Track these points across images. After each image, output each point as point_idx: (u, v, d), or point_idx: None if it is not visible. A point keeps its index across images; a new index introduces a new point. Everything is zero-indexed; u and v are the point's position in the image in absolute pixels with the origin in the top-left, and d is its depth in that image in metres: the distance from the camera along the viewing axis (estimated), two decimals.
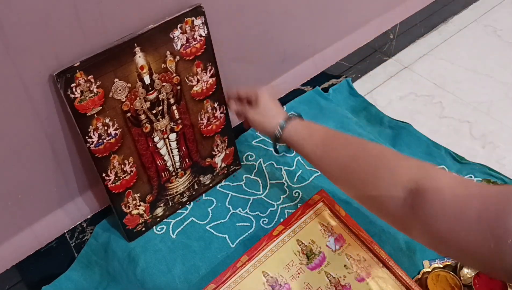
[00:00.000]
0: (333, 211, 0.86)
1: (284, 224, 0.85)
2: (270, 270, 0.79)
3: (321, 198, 0.88)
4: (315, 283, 0.79)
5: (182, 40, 0.77)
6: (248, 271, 0.79)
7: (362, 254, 0.82)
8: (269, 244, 0.82)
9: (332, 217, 0.86)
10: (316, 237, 0.84)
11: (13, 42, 0.61)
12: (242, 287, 0.77)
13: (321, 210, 0.87)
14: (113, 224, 0.88)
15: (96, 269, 0.85)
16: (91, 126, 0.73)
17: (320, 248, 0.83)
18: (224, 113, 0.91)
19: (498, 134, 1.12)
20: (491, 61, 1.33)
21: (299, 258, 0.81)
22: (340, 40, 1.17)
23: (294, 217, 0.85)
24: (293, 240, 0.83)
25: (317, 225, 0.85)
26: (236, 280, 0.78)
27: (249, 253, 0.80)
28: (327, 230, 0.85)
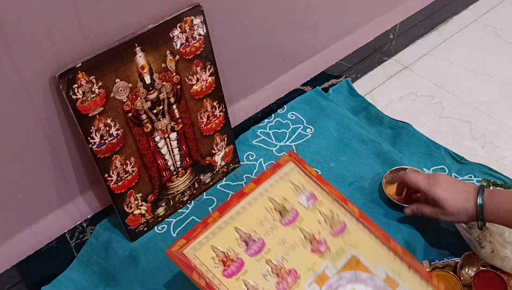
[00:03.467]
0: (304, 171, 0.84)
1: (255, 182, 0.81)
2: (242, 226, 0.76)
3: (291, 159, 0.85)
4: (289, 239, 0.76)
5: (181, 39, 0.77)
6: (220, 227, 0.75)
7: (335, 210, 0.81)
8: (240, 200, 0.78)
9: (303, 176, 0.83)
10: (287, 195, 0.81)
11: (13, 42, 0.61)
12: (214, 242, 0.73)
13: (292, 170, 0.84)
14: (114, 223, 0.88)
15: (96, 269, 0.85)
16: (93, 127, 0.73)
17: (293, 205, 0.80)
18: (223, 112, 0.91)
19: (498, 134, 1.13)
20: (491, 61, 1.33)
21: (272, 215, 0.78)
22: (340, 40, 1.17)
23: (264, 176, 0.82)
24: (264, 198, 0.80)
25: (288, 183, 0.82)
26: (207, 236, 0.74)
27: (220, 209, 0.77)
28: (298, 188, 0.82)
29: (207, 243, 0.73)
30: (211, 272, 0.70)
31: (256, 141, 1.04)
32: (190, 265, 0.70)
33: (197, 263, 0.70)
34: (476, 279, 0.80)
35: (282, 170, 0.83)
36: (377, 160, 1.02)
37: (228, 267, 0.71)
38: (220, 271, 0.71)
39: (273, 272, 0.72)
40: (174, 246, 0.71)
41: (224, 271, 0.71)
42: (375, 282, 0.74)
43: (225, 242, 0.74)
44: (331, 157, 1.03)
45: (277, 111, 1.11)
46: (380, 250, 0.78)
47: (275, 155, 1.02)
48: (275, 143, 1.05)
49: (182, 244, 0.72)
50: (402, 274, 0.76)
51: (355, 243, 0.77)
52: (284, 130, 1.07)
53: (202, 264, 0.71)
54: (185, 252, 0.71)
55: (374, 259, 0.76)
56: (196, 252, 0.72)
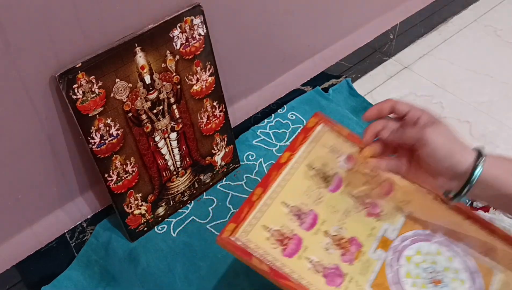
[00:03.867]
0: (335, 131, 0.78)
1: (290, 150, 0.75)
2: (289, 199, 0.70)
3: (319, 120, 0.78)
4: (341, 205, 0.71)
5: (181, 39, 0.78)
6: (266, 204, 0.69)
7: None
8: (280, 172, 0.72)
9: (336, 137, 0.77)
10: (325, 159, 0.75)
11: (13, 42, 0.61)
12: (265, 221, 0.67)
13: (323, 132, 0.78)
14: (114, 223, 0.88)
15: (96, 269, 0.85)
16: (93, 127, 0.73)
17: (334, 169, 0.74)
18: (223, 112, 0.91)
19: (498, 134, 1.13)
20: (491, 61, 1.33)
21: (316, 183, 0.72)
22: (340, 40, 1.17)
23: (297, 142, 0.75)
24: (303, 167, 0.74)
25: (323, 147, 0.76)
26: (256, 216, 0.67)
27: (261, 184, 0.70)
28: (334, 151, 0.76)
29: (257, 224, 0.67)
30: (270, 255, 0.64)
31: (256, 141, 1.05)
32: (246, 251, 0.63)
33: (253, 246, 0.64)
34: None
35: (313, 133, 0.77)
36: None
37: (286, 246, 0.65)
38: (279, 251, 0.64)
39: (334, 244, 0.67)
40: (224, 232, 0.64)
41: (284, 250, 0.65)
42: (438, 238, 0.70)
43: (276, 219, 0.68)
44: None
45: (277, 111, 1.11)
46: (434, 204, 0.73)
47: (275, 155, 1.02)
48: (275, 143, 1.05)
49: (232, 229, 0.65)
50: (461, 226, 0.71)
51: (407, 199, 0.72)
52: (284, 130, 1.07)
53: (258, 247, 0.64)
54: (237, 237, 0.65)
55: (430, 214, 0.72)
56: (249, 235, 0.65)
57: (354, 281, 0.64)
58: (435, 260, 0.68)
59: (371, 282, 0.64)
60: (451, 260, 0.68)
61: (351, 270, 0.65)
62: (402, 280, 0.65)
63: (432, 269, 0.66)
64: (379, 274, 0.65)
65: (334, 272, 0.64)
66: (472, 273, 0.68)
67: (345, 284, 0.63)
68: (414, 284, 0.65)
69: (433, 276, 0.66)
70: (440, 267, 0.67)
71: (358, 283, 0.64)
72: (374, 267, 0.66)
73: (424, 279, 0.65)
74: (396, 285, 0.64)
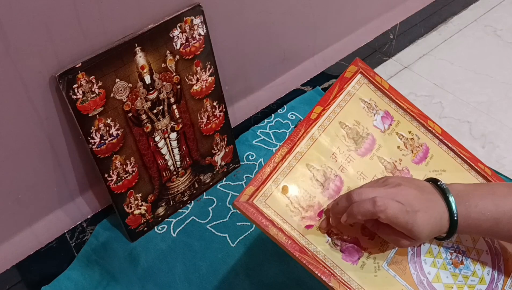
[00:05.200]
0: (375, 83, 0.72)
1: (322, 104, 0.68)
2: (315, 161, 0.65)
3: (358, 69, 0.72)
4: (369, 171, 0.66)
5: (181, 39, 0.78)
6: (289, 166, 0.63)
7: (414, 131, 0.71)
8: (308, 130, 0.66)
9: (374, 91, 0.71)
10: (360, 117, 0.69)
11: (13, 42, 0.61)
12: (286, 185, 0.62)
13: (360, 84, 0.71)
14: (114, 223, 0.88)
15: (96, 268, 0.85)
16: (93, 127, 0.73)
17: (367, 130, 0.69)
18: (223, 112, 0.91)
19: (498, 134, 1.13)
20: (491, 61, 1.33)
21: (346, 144, 0.67)
22: (340, 40, 1.17)
23: (331, 95, 0.69)
24: (335, 123, 0.68)
25: (359, 102, 0.70)
26: (277, 179, 0.62)
27: (287, 143, 0.64)
28: (370, 107, 0.70)
29: (278, 187, 0.62)
30: (288, 223, 0.60)
31: (256, 141, 1.05)
32: (264, 218, 0.58)
33: (271, 213, 0.60)
34: None
35: (350, 85, 0.71)
36: None
37: (306, 215, 0.61)
38: (298, 220, 0.60)
39: None
40: (242, 196, 0.59)
41: (302, 219, 0.61)
42: None
43: (299, 184, 0.63)
44: None
45: (277, 111, 1.11)
46: (469, 176, 0.70)
47: None
48: (275, 143, 1.05)
49: (251, 192, 0.60)
50: None
51: (441, 169, 0.69)
52: (284, 130, 1.07)
53: (277, 214, 0.60)
54: (256, 202, 0.60)
55: None
56: (268, 199, 0.60)
57: (372, 257, 0.61)
58: (460, 238, 0.65)
59: (389, 260, 0.61)
60: (476, 241, 0.66)
61: (371, 245, 0.62)
62: (423, 259, 0.62)
63: (454, 249, 0.64)
64: (399, 251, 0.62)
65: (352, 246, 0.61)
66: (495, 255, 0.66)
67: (362, 260, 0.61)
68: (434, 263, 0.62)
69: (454, 257, 0.64)
70: (463, 247, 0.65)
71: (375, 260, 0.61)
72: None
73: (446, 259, 0.63)
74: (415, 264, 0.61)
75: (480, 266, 0.65)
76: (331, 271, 0.58)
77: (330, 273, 0.58)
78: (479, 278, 0.64)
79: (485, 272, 0.64)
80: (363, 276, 0.59)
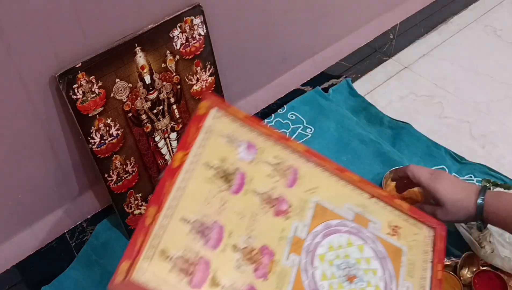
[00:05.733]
0: (231, 114, 0.69)
1: (182, 148, 0.64)
2: (189, 213, 0.60)
3: (211, 103, 0.68)
4: (246, 209, 0.63)
5: (181, 39, 0.78)
6: (163, 226, 0.57)
7: (280, 154, 0.69)
8: (174, 180, 0.61)
9: (232, 122, 0.69)
10: (224, 153, 0.66)
11: (13, 42, 0.61)
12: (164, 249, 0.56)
13: (217, 118, 0.68)
14: (114, 223, 0.88)
15: (96, 268, 0.85)
16: (93, 127, 0.73)
17: (234, 165, 0.66)
18: None
19: (498, 134, 1.12)
20: (491, 61, 1.33)
21: (217, 185, 0.63)
22: (340, 40, 1.17)
23: (188, 137, 0.65)
24: (200, 166, 0.63)
25: (220, 138, 0.67)
26: (152, 244, 0.56)
27: (153, 201, 0.59)
28: (232, 140, 0.67)
29: (155, 254, 0.56)
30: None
31: None
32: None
33: (155, 286, 0.54)
34: (476, 279, 0.80)
35: (207, 122, 0.67)
36: (377, 160, 1.02)
37: (193, 275, 0.56)
38: (185, 284, 0.55)
39: (245, 258, 0.60)
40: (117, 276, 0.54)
41: (191, 281, 0.56)
42: (347, 227, 0.69)
43: (177, 242, 0.58)
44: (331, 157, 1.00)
45: (277, 111, 1.11)
46: (339, 186, 0.72)
47: None
48: None
49: (127, 268, 0.54)
50: (368, 207, 0.72)
51: (313, 187, 0.69)
52: (284, 130, 1.07)
53: (161, 285, 0.54)
54: (134, 278, 0.53)
55: (337, 199, 0.70)
56: (147, 272, 0.54)
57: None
58: (347, 253, 0.67)
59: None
60: (362, 250, 0.68)
61: (267, 286, 0.60)
62: (319, 284, 0.63)
63: (346, 264, 0.66)
64: (296, 283, 0.62)
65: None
66: (382, 258, 0.68)
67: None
68: (331, 286, 0.63)
69: (347, 273, 0.65)
70: (353, 259, 0.67)
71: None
72: (289, 277, 0.62)
73: (339, 277, 0.65)
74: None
75: (372, 274, 0.67)
76: None
77: None
78: (374, 287, 0.66)
79: (378, 279, 0.66)
80: None
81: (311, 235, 0.66)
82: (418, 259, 0.71)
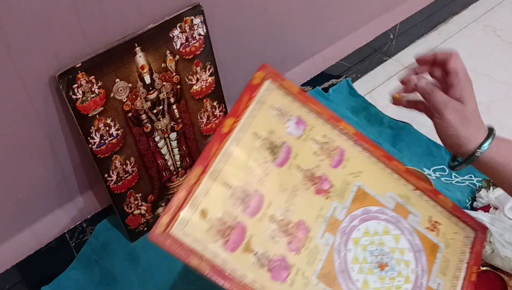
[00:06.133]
0: (284, 88, 0.69)
1: (233, 115, 0.64)
2: (232, 179, 0.61)
3: (266, 75, 0.68)
4: (288, 182, 0.64)
5: (181, 39, 0.78)
6: (206, 187, 0.59)
7: (328, 134, 0.69)
8: (222, 145, 0.61)
9: (285, 96, 0.69)
10: (273, 125, 0.66)
11: (13, 42, 0.61)
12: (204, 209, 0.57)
13: (270, 90, 0.68)
14: (114, 223, 0.88)
15: (96, 269, 0.85)
16: (93, 127, 0.73)
17: (282, 138, 0.66)
18: (223, 112, 0.91)
19: (498, 134, 1.12)
20: (491, 61, 1.33)
21: (262, 156, 0.64)
22: (340, 40, 1.17)
23: (241, 105, 0.65)
24: (248, 135, 0.64)
25: (270, 110, 0.67)
26: (195, 201, 0.57)
27: (200, 162, 0.59)
28: (282, 114, 0.68)
29: (196, 212, 0.57)
30: (210, 250, 0.55)
31: None
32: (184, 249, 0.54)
33: (191, 241, 0.55)
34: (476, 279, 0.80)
35: (259, 92, 0.67)
36: None
37: (229, 238, 0.57)
38: (220, 245, 0.56)
39: (281, 230, 0.61)
40: (157, 227, 0.55)
41: (226, 243, 0.57)
42: (386, 215, 0.68)
43: (217, 204, 0.58)
44: None
45: None
46: (384, 174, 0.71)
47: None
48: None
49: (167, 222, 0.55)
50: (411, 198, 0.70)
51: (358, 171, 0.69)
52: None
53: (197, 242, 0.55)
54: (173, 232, 0.55)
55: (380, 186, 0.69)
56: (186, 227, 0.56)
57: (301, 272, 0.60)
58: (383, 241, 0.66)
59: (318, 272, 0.61)
60: (398, 240, 0.67)
61: (298, 260, 0.60)
62: (350, 267, 0.63)
63: (379, 251, 0.65)
64: (326, 261, 0.62)
65: (279, 264, 0.59)
66: (416, 252, 0.67)
67: (291, 277, 0.59)
68: (361, 270, 0.63)
69: (379, 260, 0.65)
70: (387, 248, 0.66)
71: (304, 275, 0.60)
72: (321, 255, 0.62)
73: (371, 263, 0.64)
74: (343, 273, 0.62)
75: (405, 265, 0.66)
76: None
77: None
78: (405, 278, 0.65)
79: (410, 271, 0.66)
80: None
81: (349, 217, 0.66)
82: (454, 258, 0.70)
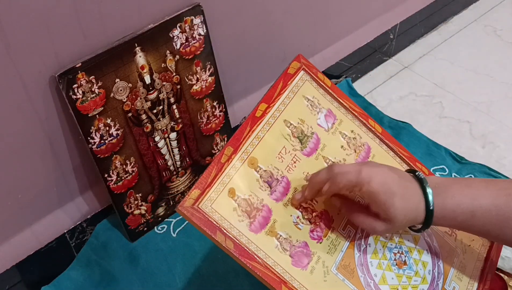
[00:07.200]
0: (317, 81, 0.71)
1: (266, 101, 0.66)
2: (261, 162, 0.62)
3: (301, 66, 0.70)
4: (314, 171, 0.64)
5: (181, 39, 0.78)
6: (236, 167, 0.60)
7: (356, 130, 0.71)
8: (254, 128, 0.63)
9: (317, 88, 0.71)
10: (304, 115, 0.68)
11: (13, 42, 0.61)
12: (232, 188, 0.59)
13: (303, 81, 0.70)
14: (114, 223, 0.88)
15: (96, 269, 0.85)
16: (93, 127, 0.73)
17: (312, 128, 0.68)
18: (223, 112, 0.91)
19: (498, 134, 1.13)
20: (491, 61, 1.33)
21: (292, 143, 0.65)
22: (340, 40, 1.17)
23: (275, 92, 0.67)
24: (280, 122, 0.66)
25: (303, 100, 0.69)
26: (223, 181, 0.59)
27: (232, 142, 0.61)
28: (314, 105, 0.69)
29: (224, 190, 0.58)
30: (236, 228, 0.56)
31: None
32: (210, 224, 0.55)
33: (217, 218, 0.56)
34: None
35: (293, 82, 0.69)
36: None
37: (254, 219, 0.58)
38: (245, 225, 0.57)
39: (305, 218, 0.62)
40: (187, 200, 0.55)
41: (251, 224, 0.58)
42: None
43: (245, 185, 0.60)
44: None
45: None
46: None
47: None
48: None
49: (196, 196, 0.56)
50: None
51: None
52: None
53: (223, 219, 0.56)
54: (201, 206, 0.56)
55: None
56: (214, 203, 0.57)
57: (321, 261, 0.61)
58: (402, 239, 0.67)
59: (337, 264, 0.62)
60: (417, 240, 0.68)
61: (319, 249, 0.61)
62: (369, 261, 0.63)
63: (398, 249, 0.66)
64: (346, 254, 0.63)
65: (301, 251, 0.60)
66: (434, 254, 0.67)
67: (312, 265, 0.60)
68: (380, 265, 0.64)
69: (398, 258, 0.65)
70: (406, 247, 0.66)
71: (324, 264, 0.61)
72: (342, 247, 0.63)
73: (390, 260, 0.64)
74: (362, 266, 0.62)
75: (422, 265, 0.66)
76: (282, 278, 0.57)
77: (281, 280, 0.57)
78: (422, 278, 0.65)
79: (427, 272, 0.66)
80: (313, 282, 0.59)
81: None
82: (470, 264, 0.70)
